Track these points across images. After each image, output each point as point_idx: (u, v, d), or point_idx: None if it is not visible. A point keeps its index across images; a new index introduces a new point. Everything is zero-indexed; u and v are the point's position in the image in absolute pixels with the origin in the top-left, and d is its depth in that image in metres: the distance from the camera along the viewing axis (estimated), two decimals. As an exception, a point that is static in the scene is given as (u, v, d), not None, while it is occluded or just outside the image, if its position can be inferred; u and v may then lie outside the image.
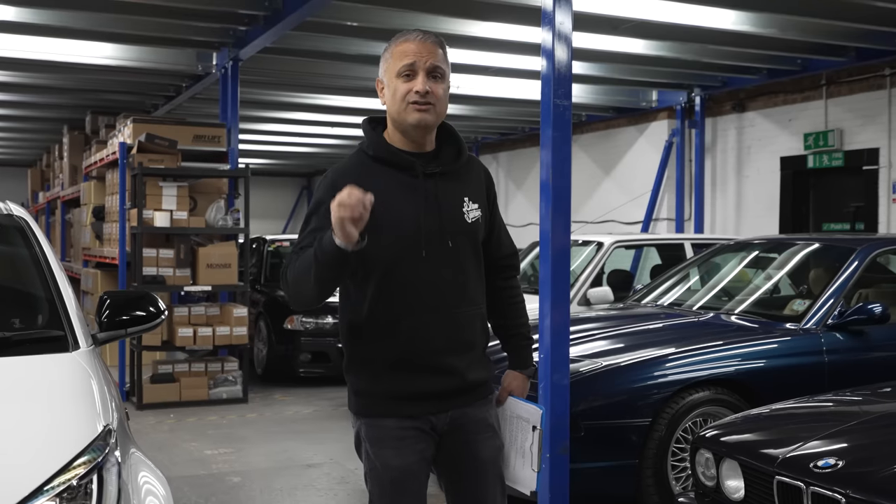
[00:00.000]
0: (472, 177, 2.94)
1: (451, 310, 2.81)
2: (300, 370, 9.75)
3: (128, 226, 8.91)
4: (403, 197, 2.77)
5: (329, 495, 5.77)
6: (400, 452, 2.78)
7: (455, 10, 8.24)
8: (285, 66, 10.39)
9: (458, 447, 2.88)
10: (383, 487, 2.79)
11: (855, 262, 5.80)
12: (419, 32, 2.80)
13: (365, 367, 2.82)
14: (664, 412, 4.95)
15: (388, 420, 2.79)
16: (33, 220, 3.89)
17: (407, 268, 2.74)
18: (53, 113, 13.91)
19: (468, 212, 2.86)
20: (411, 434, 2.79)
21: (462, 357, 2.83)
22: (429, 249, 2.76)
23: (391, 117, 2.83)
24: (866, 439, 3.67)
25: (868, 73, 10.57)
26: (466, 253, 2.85)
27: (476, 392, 2.90)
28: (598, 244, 8.38)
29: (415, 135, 2.81)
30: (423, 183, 2.79)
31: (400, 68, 2.75)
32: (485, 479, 2.90)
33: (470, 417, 2.87)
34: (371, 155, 2.83)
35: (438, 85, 2.77)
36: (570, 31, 4.56)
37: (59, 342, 3.17)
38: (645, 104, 13.28)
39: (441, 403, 2.82)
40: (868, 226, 10.67)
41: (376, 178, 2.74)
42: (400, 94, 2.75)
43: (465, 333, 2.85)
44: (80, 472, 2.45)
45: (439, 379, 2.80)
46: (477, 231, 2.89)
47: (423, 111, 2.75)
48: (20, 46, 9.34)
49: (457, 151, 2.90)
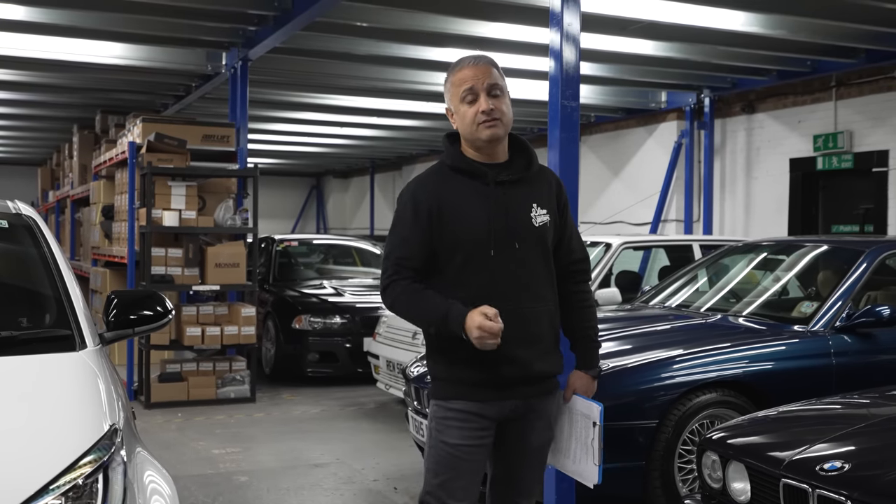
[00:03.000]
0: (543, 185, 3.20)
1: (518, 305, 3.05)
2: (308, 370, 9.77)
3: (137, 225, 8.93)
4: (476, 202, 3.06)
5: (336, 495, 5.77)
6: (461, 433, 3.06)
7: (463, 10, 8.24)
8: (294, 66, 10.41)
9: (515, 435, 3.15)
10: (439, 463, 3.08)
11: (864, 265, 5.78)
12: (471, 58, 3.10)
13: (441, 356, 3.12)
14: (671, 414, 4.94)
15: (456, 403, 3.07)
16: (41, 219, 3.90)
17: (477, 265, 3.04)
18: (63, 112, 13.96)
19: (536, 216, 3.12)
20: (475, 419, 3.06)
21: (528, 349, 3.08)
22: (497, 249, 3.04)
23: (465, 138, 3.13)
24: (873, 442, 3.65)
25: (878, 75, 10.53)
26: (534, 254, 3.11)
27: (542, 385, 3.17)
28: (606, 245, 8.36)
29: (488, 149, 3.10)
30: (493, 190, 3.07)
31: (462, 94, 3.06)
32: (530, 462, 3.22)
33: (532, 408, 3.15)
34: (449, 165, 3.13)
35: (500, 101, 3.06)
36: (579, 31, 4.57)
37: (66, 341, 3.18)
38: (654, 105, 13.26)
39: (506, 391, 3.07)
40: (877, 228, 10.63)
41: (452, 185, 3.08)
42: (469, 117, 3.05)
43: (532, 327, 3.09)
44: (86, 471, 2.46)
45: (505, 368, 3.04)
46: (545, 234, 3.14)
47: (493, 127, 3.04)
48: (30, 46, 9.38)
49: (527, 161, 3.18)
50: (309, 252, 12.45)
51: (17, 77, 11.16)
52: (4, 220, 3.73)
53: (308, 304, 10.11)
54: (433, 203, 3.05)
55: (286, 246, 11.93)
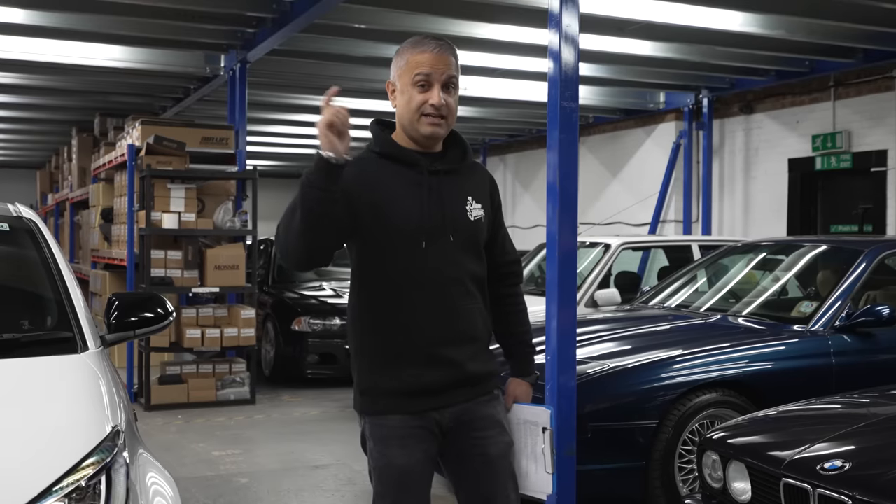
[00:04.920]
0: (477, 179, 2.99)
1: (449, 302, 2.82)
2: (307, 371, 9.76)
3: (136, 227, 8.93)
4: (407, 191, 2.81)
5: (336, 496, 5.77)
6: (404, 451, 2.78)
7: (463, 12, 8.25)
8: (293, 69, 10.41)
9: (467, 445, 2.87)
10: (387, 486, 2.79)
11: (863, 264, 5.79)
12: (435, 43, 2.83)
13: (366, 361, 2.83)
14: (671, 414, 4.95)
15: (393, 418, 2.79)
16: (42, 221, 3.91)
17: (406, 259, 2.77)
18: (62, 115, 13.95)
19: (471, 210, 2.90)
20: (416, 433, 2.79)
21: (461, 349, 2.83)
22: (429, 242, 2.79)
23: (401, 123, 2.88)
24: (874, 441, 3.66)
25: (876, 75, 10.54)
26: (469, 248, 2.88)
27: (479, 387, 2.89)
28: (605, 246, 8.37)
29: (424, 143, 2.87)
30: (427, 179, 2.83)
31: (416, 78, 2.80)
32: (495, 477, 2.88)
33: (476, 414, 2.87)
34: (378, 152, 2.88)
35: (452, 96, 2.84)
36: (577, 32, 4.57)
37: (67, 343, 3.18)
38: (652, 106, 13.27)
39: (442, 398, 2.82)
40: (876, 228, 10.63)
41: (382, 172, 2.82)
42: (415, 104, 2.80)
43: (464, 326, 2.85)
44: (89, 473, 2.46)
45: (438, 371, 2.80)
46: (478, 229, 2.91)
47: (437, 125, 2.82)
48: (29, 49, 9.36)
49: (462, 152, 2.95)
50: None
51: (16, 80, 11.15)
52: (5, 223, 3.74)
53: (307, 305, 10.12)
54: (358, 188, 2.74)
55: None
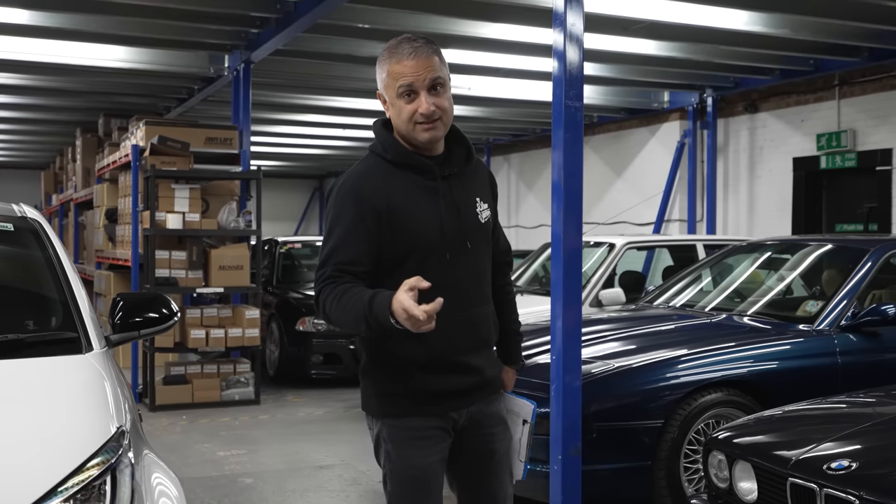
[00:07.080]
0: (480, 179, 2.98)
1: (471, 310, 2.84)
2: (312, 372, 9.77)
3: (140, 228, 8.94)
4: (425, 201, 2.77)
5: (341, 497, 5.77)
6: (422, 452, 2.80)
7: (466, 11, 8.24)
8: (297, 69, 10.40)
9: (477, 442, 2.92)
10: (405, 487, 2.81)
11: (868, 263, 5.78)
12: (411, 47, 2.71)
13: (387, 367, 2.81)
14: (676, 414, 4.94)
15: (414, 420, 2.80)
16: (47, 222, 3.91)
17: (431, 270, 2.69)
18: (66, 115, 13.96)
19: (481, 212, 2.90)
20: (434, 433, 2.82)
21: (481, 355, 2.91)
22: (451, 252, 2.79)
23: (399, 132, 2.82)
24: (880, 441, 3.65)
25: (881, 74, 10.52)
26: (482, 253, 2.91)
27: (490, 387, 2.96)
28: (609, 245, 8.36)
29: (426, 147, 2.82)
30: (440, 186, 2.80)
31: (399, 90, 2.72)
32: (499, 472, 2.97)
33: (485, 413, 2.93)
34: (390, 160, 2.81)
35: (442, 97, 2.75)
36: (582, 32, 4.55)
37: (72, 344, 3.18)
38: (657, 105, 13.25)
39: (462, 400, 2.86)
40: (882, 227, 10.62)
41: (396, 182, 2.77)
42: (405, 115, 2.74)
43: (482, 331, 2.91)
44: (94, 474, 2.46)
45: (463, 378, 2.84)
46: (489, 231, 2.95)
47: (432, 129, 2.76)
48: (33, 49, 9.37)
49: (466, 152, 2.92)
50: (312, 254, 12.44)
51: (21, 81, 11.16)
52: (10, 224, 3.74)
53: (311, 305, 10.07)
54: (381, 202, 2.72)
55: (289, 248, 11.94)
